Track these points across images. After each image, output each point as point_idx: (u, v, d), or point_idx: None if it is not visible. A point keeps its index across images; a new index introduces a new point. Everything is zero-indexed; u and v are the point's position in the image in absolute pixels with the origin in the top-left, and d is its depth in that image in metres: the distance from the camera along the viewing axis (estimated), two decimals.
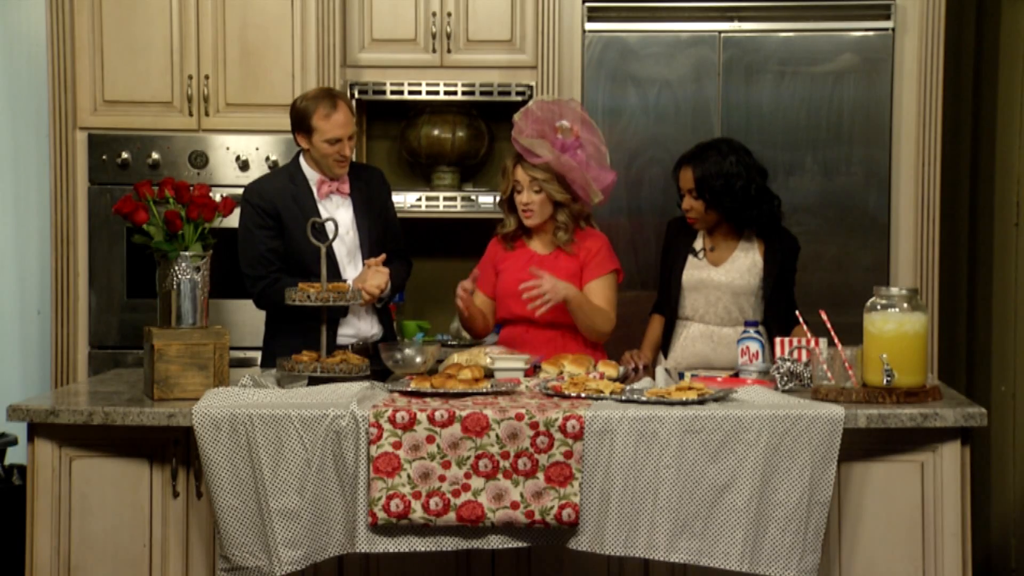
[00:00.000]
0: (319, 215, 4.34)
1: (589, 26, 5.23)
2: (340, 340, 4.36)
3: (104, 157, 5.28)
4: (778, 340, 4.05)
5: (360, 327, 4.43)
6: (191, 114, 5.28)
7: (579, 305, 4.36)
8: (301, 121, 4.35)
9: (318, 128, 4.32)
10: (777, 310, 4.47)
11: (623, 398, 3.64)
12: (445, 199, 5.42)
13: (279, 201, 4.36)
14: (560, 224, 4.46)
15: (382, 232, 4.51)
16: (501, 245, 4.57)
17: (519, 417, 3.48)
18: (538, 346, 4.38)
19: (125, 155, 5.27)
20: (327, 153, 4.35)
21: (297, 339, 4.18)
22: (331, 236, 4.08)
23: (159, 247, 3.85)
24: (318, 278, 4.06)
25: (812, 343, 3.88)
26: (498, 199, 4.62)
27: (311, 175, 4.42)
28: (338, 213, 4.39)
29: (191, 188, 3.92)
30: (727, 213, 4.49)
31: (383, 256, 4.34)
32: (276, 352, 4.23)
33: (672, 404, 3.57)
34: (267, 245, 4.34)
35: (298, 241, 4.27)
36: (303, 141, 4.38)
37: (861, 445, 3.60)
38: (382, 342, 4.30)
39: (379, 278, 4.29)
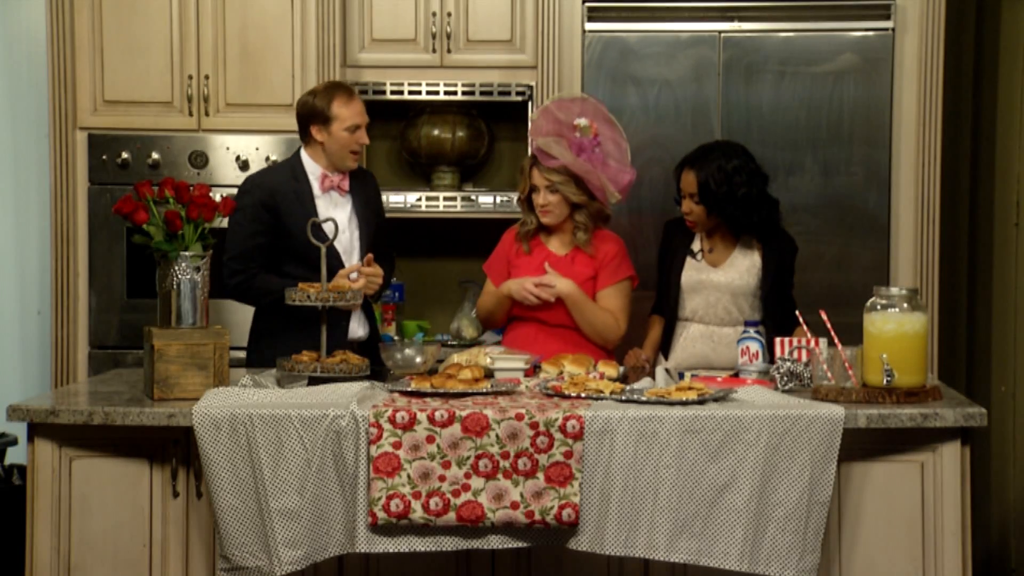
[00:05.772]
0: (317, 210, 4.33)
1: (589, 26, 5.22)
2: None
3: (104, 157, 5.28)
4: (778, 340, 4.05)
5: (349, 328, 4.41)
6: (191, 114, 5.28)
7: (575, 303, 4.35)
8: (317, 112, 4.33)
9: (338, 116, 4.31)
10: (775, 311, 4.47)
11: (623, 398, 3.64)
12: (445, 199, 5.41)
13: (279, 195, 4.35)
14: (579, 224, 4.45)
15: (375, 232, 4.51)
16: (518, 243, 4.56)
17: (519, 417, 3.48)
18: (548, 347, 4.36)
19: (125, 155, 5.27)
20: (346, 142, 4.34)
21: (289, 339, 4.17)
22: (331, 236, 4.08)
23: (159, 247, 3.85)
24: (316, 269, 4.05)
25: (812, 343, 3.88)
26: (516, 198, 4.60)
27: (313, 169, 4.40)
28: (336, 210, 4.39)
29: (191, 188, 3.91)
30: (728, 219, 4.49)
31: (370, 256, 4.32)
32: (264, 352, 4.24)
33: (672, 404, 3.57)
34: (255, 241, 4.33)
35: (296, 236, 4.25)
36: (319, 133, 4.34)
37: (861, 445, 3.60)
38: (381, 342, 4.29)
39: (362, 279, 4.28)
